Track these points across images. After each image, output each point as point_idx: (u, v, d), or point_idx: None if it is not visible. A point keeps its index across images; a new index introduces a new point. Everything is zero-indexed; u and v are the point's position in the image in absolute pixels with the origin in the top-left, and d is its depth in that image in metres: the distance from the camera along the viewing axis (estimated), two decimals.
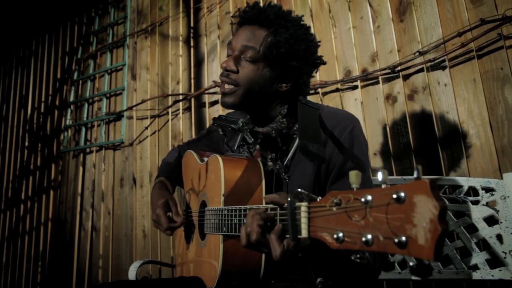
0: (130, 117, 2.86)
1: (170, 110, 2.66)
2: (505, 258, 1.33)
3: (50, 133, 3.45)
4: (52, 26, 3.71)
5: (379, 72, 1.85)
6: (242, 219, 0.90)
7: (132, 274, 1.58)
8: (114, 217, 2.80)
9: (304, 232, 0.67)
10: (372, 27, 1.92)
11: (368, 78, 1.89)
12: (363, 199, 0.56)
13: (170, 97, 2.67)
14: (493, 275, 1.35)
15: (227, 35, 2.46)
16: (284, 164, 1.10)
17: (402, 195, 0.50)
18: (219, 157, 1.07)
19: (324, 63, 1.17)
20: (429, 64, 1.72)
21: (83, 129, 3.13)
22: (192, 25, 2.69)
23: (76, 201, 3.03)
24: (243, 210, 0.91)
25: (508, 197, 1.35)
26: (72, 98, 3.27)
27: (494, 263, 1.36)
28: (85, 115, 3.15)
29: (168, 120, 2.66)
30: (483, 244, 1.40)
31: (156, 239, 2.52)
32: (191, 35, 2.68)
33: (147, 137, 2.75)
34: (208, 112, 2.47)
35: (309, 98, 1.18)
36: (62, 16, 3.62)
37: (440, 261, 1.44)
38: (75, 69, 3.32)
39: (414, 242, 0.48)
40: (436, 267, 1.44)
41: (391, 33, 1.85)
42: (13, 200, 3.63)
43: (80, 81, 3.30)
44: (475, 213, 1.40)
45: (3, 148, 3.96)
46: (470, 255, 1.40)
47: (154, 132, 2.73)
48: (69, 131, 3.26)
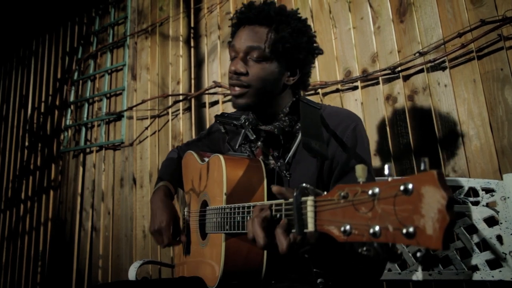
0: (130, 117, 2.86)
1: (170, 110, 2.66)
2: (505, 259, 1.33)
3: (50, 133, 3.45)
4: (52, 26, 3.71)
5: (379, 73, 1.85)
6: (245, 216, 0.90)
7: (132, 274, 1.58)
8: (114, 217, 2.80)
9: (311, 226, 0.66)
10: (373, 28, 1.92)
11: (368, 79, 1.89)
12: (371, 192, 0.56)
13: (170, 97, 2.67)
14: (493, 276, 1.35)
15: (228, 36, 2.46)
16: (285, 162, 1.11)
17: (410, 187, 0.50)
18: (221, 156, 1.07)
19: (322, 53, 1.21)
20: (429, 65, 1.72)
21: (83, 129, 3.13)
22: (193, 26, 2.69)
23: (76, 201, 3.03)
24: (246, 208, 0.90)
25: (508, 198, 1.35)
26: (72, 98, 3.27)
27: (494, 264, 1.36)
28: (85, 115, 3.16)
29: (168, 120, 2.66)
30: (483, 245, 1.40)
31: None
32: (192, 36, 2.68)
33: (147, 137, 2.75)
34: (208, 113, 2.47)
35: (310, 99, 1.19)
36: (63, 16, 3.62)
37: (440, 262, 1.45)
38: (75, 69, 3.32)
39: (422, 232, 0.48)
40: (436, 268, 1.44)
41: (391, 34, 1.86)
42: (13, 200, 3.63)
43: (80, 81, 3.30)
44: (475, 214, 1.40)
45: (3, 148, 3.96)
46: (470, 256, 1.40)
47: (154, 132, 2.73)
48: (69, 131, 3.26)
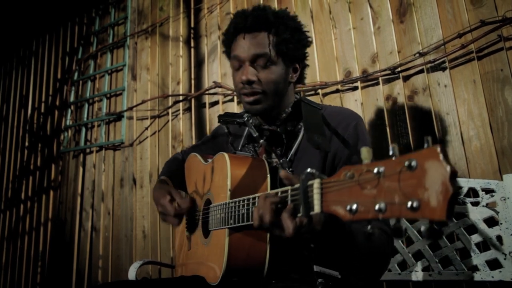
0: (130, 118, 2.86)
1: (170, 111, 2.66)
2: (505, 260, 1.33)
3: (50, 133, 3.45)
4: (53, 26, 3.71)
5: (379, 73, 1.85)
6: (250, 208, 0.91)
7: (132, 275, 1.58)
8: (114, 218, 2.80)
9: (317, 208, 0.68)
10: (373, 28, 1.92)
11: (368, 79, 1.89)
12: (376, 170, 0.57)
13: (170, 98, 2.67)
14: (493, 276, 1.35)
15: None
16: (288, 160, 1.13)
17: (414, 163, 0.52)
18: (226, 154, 1.10)
19: (312, 42, 1.26)
20: (429, 65, 1.72)
21: (83, 130, 3.13)
22: (193, 26, 2.69)
23: (76, 201, 3.03)
24: (251, 199, 0.92)
25: (508, 199, 1.35)
26: (72, 99, 3.27)
27: (494, 265, 1.36)
28: (85, 116, 3.16)
29: (168, 121, 2.66)
30: (483, 245, 1.40)
31: (156, 240, 2.52)
32: (192, 36, 2.68)
33: (147, 138, 2.75)
34: (208, 113, 2.47)
35: (310, 99, 1.21)
36: (63, 17, 3.62)
37: (440, 263, 1.45)
38: (76, 70, 3.32)
39: (427, 205, 0.49)
40: (436, 268, 1.44)
41: (391, 34, 1.86)
42: (13, 200, 3.63)
43: (81, 81, 3.30)
44: (475, 214, 1.40)
45: (3, 148, 3.96)
46: (470, 256, 1.40)
47: (154, 133, 2.73)
48: (69, 132, 3.26)
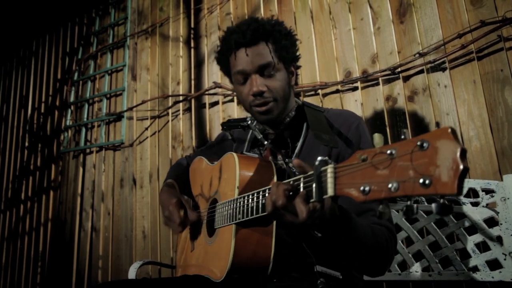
0: (130, 118, 2.86)
1: (170, 111, 2.66)
2: (505, 260, 1.33)
3: (50, 134, 3.45)
4: (53, 27, 3.71)
5: (379, 74, 1.85)
6: (260, 201, 0.93)
7: (132, 275, 1.58)
8: (114, 218, 2.80)
9: (330, 191, 0.69)
10: (372, 29, 1.92)
11: (368, 80, 1.89)
12: (389, 151, 0.59)
13: (170, 98, 2.67)
14: (493, 277, 1.35)
15: None
16: (292, 159, 1.14)
17: (426, 143, 0.54)
18: (234, 153, 1.12)
19: (300, 41, 1.29)
20: (429, 66, 1.72)
21: (83, 130, 3.13)
22: (193, 26, 2.69)
23: (76, 202, 3.03)
24: (262, 192, 0.93)
25: (508, 199, 1.35)
26: (72, 99, 3.27)
27: (494, 265, 1.36)
28: (85, 116, 3.16)
29: (168, 121, 2.66)
30: (483, 246, 1.40)
31: (156, 240, 2.52)
32: (192, 36, 2.68)
33: (147, 138, 2.75)
34: (208, 113, 2.47)
35: (310, 99, 1.22)
36: (63, 17, 3.62)
37: (440, 263, 1.45)
38: (76, 70, 3.32)
39: (438, 180, 0.51)
40: (436, 269, 1.44)
41: (391, 35, 1.86)
42: (13, 200, 3.63)
43: (81, 82, 3.30)
44: (475, 215, 1.40)
45: (3, 148, 3.96)
46: (470, 257, 1.40)
47: (154, 133, 2.73)
48: (69, 132, 3.26)
